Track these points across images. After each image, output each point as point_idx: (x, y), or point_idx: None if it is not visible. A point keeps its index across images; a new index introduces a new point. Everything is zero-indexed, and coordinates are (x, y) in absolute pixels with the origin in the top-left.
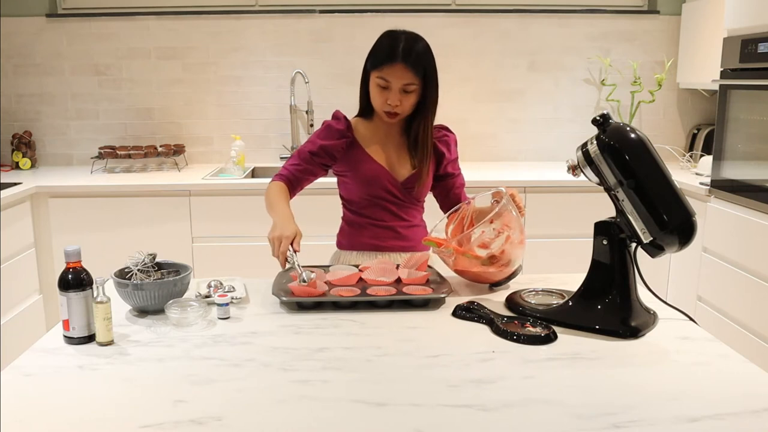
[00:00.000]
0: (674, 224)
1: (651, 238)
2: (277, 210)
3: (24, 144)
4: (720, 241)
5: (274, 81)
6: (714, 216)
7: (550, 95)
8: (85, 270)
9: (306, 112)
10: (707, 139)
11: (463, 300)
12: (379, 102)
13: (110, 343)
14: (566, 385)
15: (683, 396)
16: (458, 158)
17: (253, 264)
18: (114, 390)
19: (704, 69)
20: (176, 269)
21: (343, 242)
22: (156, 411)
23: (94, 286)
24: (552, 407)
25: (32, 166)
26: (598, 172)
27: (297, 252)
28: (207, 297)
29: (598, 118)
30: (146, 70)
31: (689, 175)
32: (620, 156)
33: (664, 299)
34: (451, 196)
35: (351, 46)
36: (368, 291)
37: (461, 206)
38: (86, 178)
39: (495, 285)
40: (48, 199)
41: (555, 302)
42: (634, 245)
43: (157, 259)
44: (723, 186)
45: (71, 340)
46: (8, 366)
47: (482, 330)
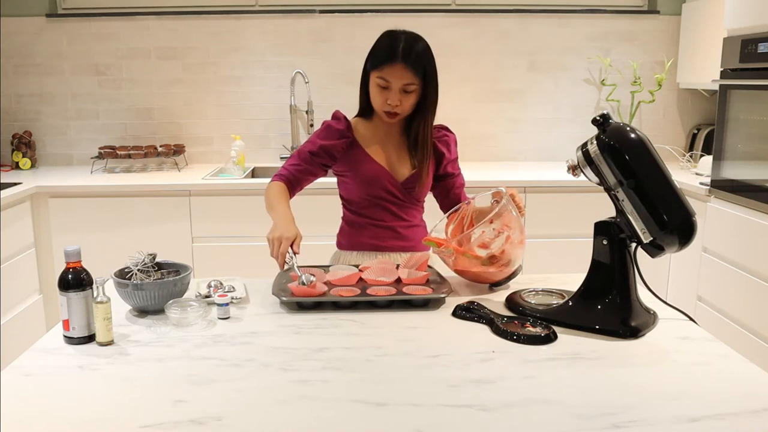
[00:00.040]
0: (674, 224)
1: (651, 238)
2: (278, 210)
3: (24, 144)
4: (720, 241)
5: (274, 81)
6: (714, 216)
7: (550, 95)
8: (85, 270)
9: (306, 112)
10: (707, 139)
11: (463, 300)
12: (379, 102)
13: (110, 343)
14: (566, 385)
15: (683, 396)
16: (458, 158)
17: (253, 264)
18: (114, 390)
19: (704, 69)
20: (176, 269)
21: (343, 242)
22: (156, 411)
23: (94, 286)
24: (552, 407)
25: (32, 166)
26: (598, 172)
27: (297, 254)
28: (207, 297)
29: (598, 118)
30: (146, 70)
31: (689, 175)
32: (620, 156)
33: (664, 299)
34: (451, 196)
35: (351, 46)
36: (368, 291)
37: (461, 206)
38: (86, 178)
39: (495, 285)
40: (48, 199)
41: (555, 302)
42: (634, 245)
43: (157, 259)
44: (723, 186)
45: (71, 340)
46: (8, 366)
47: (482, 330)
